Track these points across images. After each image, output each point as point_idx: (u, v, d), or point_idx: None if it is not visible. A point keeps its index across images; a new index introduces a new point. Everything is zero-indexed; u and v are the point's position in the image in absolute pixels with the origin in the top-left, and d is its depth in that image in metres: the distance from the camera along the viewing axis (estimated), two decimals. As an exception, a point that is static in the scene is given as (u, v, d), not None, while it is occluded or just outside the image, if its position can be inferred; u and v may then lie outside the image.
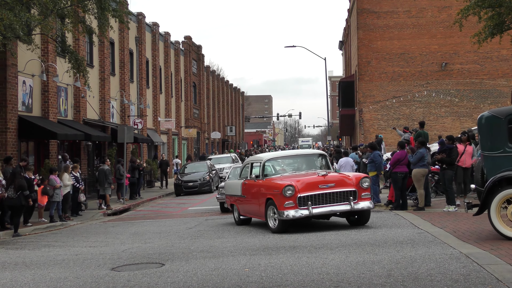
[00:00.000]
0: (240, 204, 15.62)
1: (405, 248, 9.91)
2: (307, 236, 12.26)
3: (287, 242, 11.71)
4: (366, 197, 13.24)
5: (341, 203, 13.04)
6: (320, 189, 12.95)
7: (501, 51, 36.27)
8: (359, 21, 39.18)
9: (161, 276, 8.90)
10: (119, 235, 15.43)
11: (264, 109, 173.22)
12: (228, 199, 16.81)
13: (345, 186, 13.12)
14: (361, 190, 13.21)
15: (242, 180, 15.50)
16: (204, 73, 61.92)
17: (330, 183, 13.05)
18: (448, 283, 7.35)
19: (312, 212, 12.82)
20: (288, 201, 12.75)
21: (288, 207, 12.77)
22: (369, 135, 37.37)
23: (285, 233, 13.03)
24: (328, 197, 12.98)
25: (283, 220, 12.93)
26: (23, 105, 23.34)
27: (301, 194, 12.81)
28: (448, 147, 15.73)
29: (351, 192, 13.10)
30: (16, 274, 10.02)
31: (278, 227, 13.13)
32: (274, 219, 13.28)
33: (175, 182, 31.94)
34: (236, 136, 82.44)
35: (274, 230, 13.23)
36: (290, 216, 12.76)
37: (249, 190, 14.87)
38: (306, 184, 12.99)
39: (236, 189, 15.87)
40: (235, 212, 16.12)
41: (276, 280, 8.15)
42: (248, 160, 16.58)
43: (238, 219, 15.95)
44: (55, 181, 19.27)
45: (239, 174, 16.65)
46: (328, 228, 13.43)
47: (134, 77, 38.50)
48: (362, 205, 13.11)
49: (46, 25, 18.99)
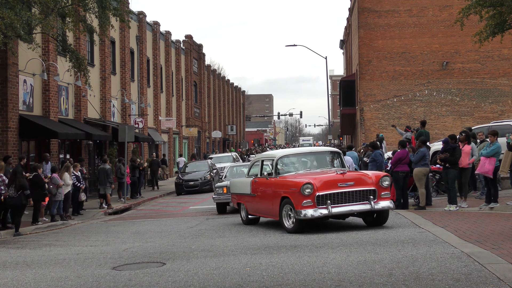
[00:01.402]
0: (249, 203, 15.07)
1: (406, 247, 9.90)
2: (308, 235, 12.24)
3: (288, 241, 11.69)
4: (386, 197, 12.74)
5: (360, 202, 12.52)
6: (339, 188, 12.42)
7: (502, 50, 36.26)
8: (360, 20, 39.16)
9: (162, 275, 8.90)
10: (120, 234, 15.43)
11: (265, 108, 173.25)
12: (234, 198, 16.30)
13: (365, 185, 12.60)
14: (381, 189, 12.69)
15: (251, 178, 14.92)
16: (205, 72, 61.92)
17: (349, 182, 12.52)
18: (450, 282, 7.34)
19: (331, 212, 12.27)
20: (306, 200, 12.18)
21: (306, 206, 12.21)
22: (370, 134, 37.36)
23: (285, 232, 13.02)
24: (347, 196, 12.46)
25: (300, 219, 12.35)
26: (24, 104, 23.35)
27: (320, 192, 12.25)
28: (451, 146, 15.71)
29: (370, 191, 12.59)
30: (17, 273, 10.02)
31: (295, 227, 12.58)
32: (290, 218, 12.76)
33: (176, 181, 31.95)
34: (237, 135, 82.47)
35: (290, 230, 12.70)
36: (309, 215, 12.22)
37: (260, 189, 14.30)
38: (325, 182, 12.45)
39: (244, 187, 15.28)
40: (243, 211, 15.61)
41: (277, 279, 8.14)
42: (257, 158, 16.01)
43: (245, 218, 15.46)
44: (57, 180, 19.28)
45: (247, 172, 16.15)
46: (329, 227, 13.41)
47: (135, 76, 38.51)
48: (382, 204, 12.61)
49: (47, 24, 19.00)
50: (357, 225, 13.60)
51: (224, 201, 19.25)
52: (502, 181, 18.28)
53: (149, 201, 28.17)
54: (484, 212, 14.44)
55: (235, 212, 18.93)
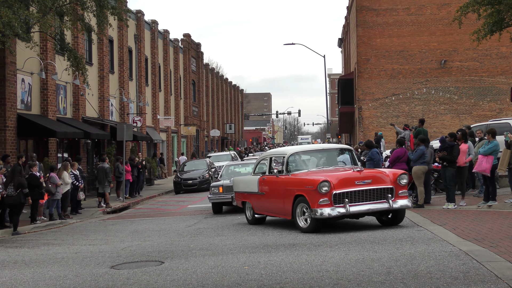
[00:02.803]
0: (256, 201, 14.56)
1: (404, 246, 9.91)
2: (306, 234, 12.24)
3: (287, 240, 11.70)
4: (403, 195, 12.39)
5: (378, 201, 12.10)
6: (357, 186, 11.99)
7: (500, 49, 36.30)
8: (359, 18, 39.16)
9: (161, 274, 8.90)
10: (119, 233, 15.43)
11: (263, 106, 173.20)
12: (238, 197, 15.77)
13: (382, 183, 12.23)
14: (398, 187, 12.31)
15: (259, 176, 14.41)
16: (203, 71, 61.90)
17: (366, 180, 12.12)
18: (448, 280, 7.34)
19: (349, 211, 11.80)
20: (323, 198, 11.74)
21: (323, 205, 11.75)
22: (369, 132, 37.38)
23: (283, 230, 13.02)
24: (365, 195, 12.05)
25: (316, 218, 11.90)
26: (22, 103, 23.32)
27: (337, 190, 11.82)
28: (449, 144, 15.72)
29: (388, 189, 12.20)
30: (15, 272, 10.01)
31: (311, 226, 12.14)
32: (305, 217, 12.34)
33: (175, 180, 31.96)
34: (235, 134, 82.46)
35: (305, 230, 12.27)
36: (326, 214, 11.76)
37: (269, 187, 13.79)
38: (342, 180, 12.04)
39: (250, 185, 14.78)
40: (248, 210, 15.14)
41: (276, 277, 8.14)
42: (264, 155, 15.49)
43: (251, 217, 14.97)
44: (56, 179, 19.27)
45: (253, 170, 15.62)
46: (327, 226, 13.41)
47: (133, 75, 38.49)
48: (400, 203, 12.22)
49: (45, 23, 18.97)
50: (356, 224, 13.60)
51: (220, 200, 18.92)
52: (500, 179, 18.30)
53: (147, 200, 28.17)
54: (483, 210, 14.45)
55: (231, 212, 18.95)
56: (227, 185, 18.59)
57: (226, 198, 18.54)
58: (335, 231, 12.32)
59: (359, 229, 12.42)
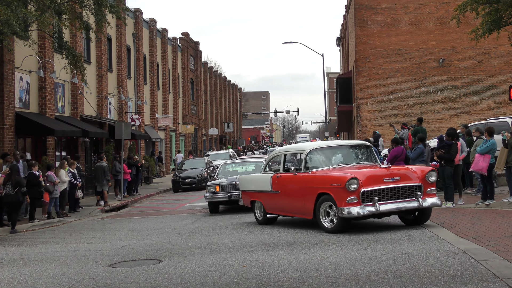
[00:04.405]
0: (268, 200, 13.95)
1: (402, 244, 9.92)
2: (304, 232, 12.25)
3: (285, 238, 11.70)
4: (432, 193, 11.88)
5: (407, 199, 11.61)
6: (385, 183, 11.48)
7: (498, 47, 36.27)
8: (357, 17, 39.15)
9: (159, 273, 8.90)
10: (117, 232, 15.43)
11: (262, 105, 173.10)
12: (246, 196, 15.15)
13: (411, 180, 11.72)
14: (427, 184, 11.82)
15: (271, 174, 13.85)
16: (201, 69, 61.88)
17: (395, 177, 11.61)
18: (446, 279, 7.35)
19: (379, 209, 11.29)
20: (351, 197, 11.19)
21: (351, 203, 11.21)
22: (367, 131, 37.39)
23: (281, 229, 13.03)
24: (394, 193, 11.54)
25: (344, 218, 11.38)
26: (20, 102, 23.30)
27: (365, 188, 11.28)
28: (447, 143, 15.73)
29: (417, 187, 11.72)
30: (13, 270, 10.01)
31: (337, 226, 11.61)
32: (329, 217, 11.84)
33: (173, 179, 31.96)
34: (234, 133, 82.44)
35: (331, 230, 11.74)
36: (354, 213, 11.23)
37: (285, 185, 13.20)
38: (370, 177, 11.52)
39: (261, 184, 14.20)
40: (258, 210, 14.57)
41: (274, 276, 8.15)
42: (277, 151, 14.82)
43: (262, 217, 14.35)
44: (53, 177, 19.27)
45: (263, 168, 15.06)
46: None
47: (131, 74, 38.46)
48: (430, 201, 11.73)
49: (43, 21, 18.95)
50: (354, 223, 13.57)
51: (217, 200, 18.57)
52: (498, 178, 18.32)
53: (145, 198, 28.17)
54: (480, 209, 14.47)
55: (229, 211, 18.93)
56: (224, 184, 18.42)
57: (223, 197, 18.30)
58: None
59: (357, 228, 12.42)
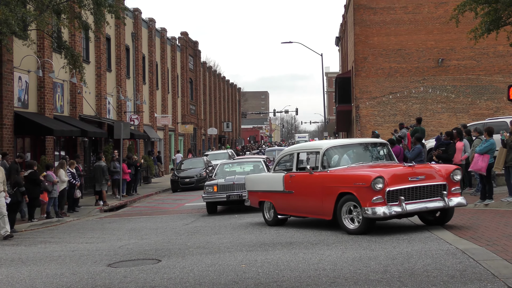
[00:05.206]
0: (280, 201, 13.49)
1: (401, 244, 9.92)
2: (303, 232, 12.25)
3: (284, 238, 11.70)
4: (456, 192, 11.54)
5: (433, 198, 11.23)
6: (411, 182, 11.10)
7: (497, 47, 36.29)
8: (356, 17, 39.16)
9: (158, 272, 8.90)
10: (116, 231, 15.42)
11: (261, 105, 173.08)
12: (254, 196, 14.67)
13: (435, 179, 11.34)
14: (452, 183, 11.45)
15: (283, 173, 13.43)
16: (200, 69, 61.87)
17: (420, 175, 11.24)
18: (444, 278, 7.36)
19: (406, 209, 10.88)
20: (377, 196, 10.80)
21: (377, 203, 10.82)
22: (366, 131, 37.40)
23: (280, 229, 13.03)
24: (420, 192, 11.17)
25: (369, 218, 10.98)
26: (19, 101, 23.29)
27: (391, 187, 10.88)
28: (445, 142, 15.74)
29: (442, 185, 11.34)
30: (12, 270, 10.00)
31: (362, 227, 11.18)
32: (351, 217, 11.43)
33: (172, 178, 31.96)
34: (233, 132, 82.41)
35: (355, 231, 11.30)
36: (380, 213, 10.81)
37: (300, 185, 12.79)
38: (395, 176, 11.14)
39: (272, 183, 13.76)
40: (267, 210, 14.13)
41: (273, 276, 8.15)
42: (289, 150, 14.37)
43: (272, 218, 13.93)
44: (52, 177, 19.25)
45: (273, 167, 14.60)
46: (324, 224, 13.42)
47: (130, 73, 38.45)
48: (455, 201, 11.38)
49: (42, 21, 18.94)
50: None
51: (215, 200, 18.37)
52: (497, 178, 18.33)
53: (144, 198, 28.16)
54: (479, 209, 14.48)
55: (227, 211, 18.92)
56: (222, 184, 18.28)
57: (221, 197, 18.13)
58: (332, 230, 12.32)
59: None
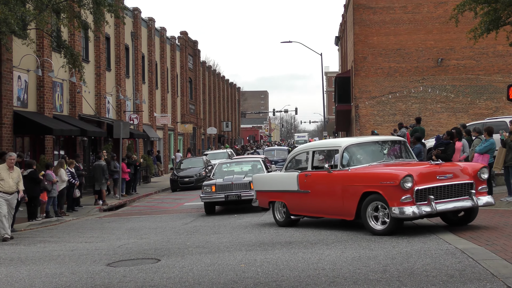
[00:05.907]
0: (294, 201, 13.12)
1: (400, 244, 9.92)
2: (303, 232, 12.25)
3: (283, 237, 11.70)
4: (483, 191, 11.27)
5: (461, 197, 10.94)
6: (439, 181, 10.77)
7: (497, 47, 36.30)
8: (355, 16, 39.16)
9: (157, 272, 8.90)
10: (115, 231, 15.42)
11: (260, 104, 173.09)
12: (265, 196, 14.25)
13: (462, 178, 11.03)
14: (478, 182, 11.19)
15: (298, 172, 13.06)
16: (200, 68, 61.85)
17: (447, 174, 10.91)
18: (444, 278, 7.36)
19: (436, 209, 10.52)
20: (406, 195, 10.42)
21: (405, 203, 10.44)
22: (365, 130, 37.41)
23: (280, 229, 13.02)
24: (448, 191, 10.86)
25: (398, 218, 10.58)
26: (18, 100, 23.28)
27: (419, 186, 10.54)
28: (444, 142, 15.73)
29: (469, 184, 11.05)
30: (11, 269, 10.00)
31: (390, 227, 10.78)
32: (379, 217, 11.01)
33: (171, 178, 31.97)
34: (232, 132, 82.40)
35: (382, 231, 10.90)
36: (409, 213, 10.42)
37: (317, 184, 12.44)
38: (423, 174, 10.77)
39: (285, 183, 13.38)
40: (278, 211, 13.79)
41: (272, 275, 8.15)
42: (303, 148, 14.04)
43: (283, 219, 13.56)
44: (52, 176, 19.24)
45: (285, 166, 14.13)
46: (324, 224, 13.42)
47: (130, 73, 38.44)
48: (484, 200, 11.11)
49: (41, 20, 18.93)
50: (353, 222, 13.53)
51: (213, 200, 18.20)
52: (496, 178, 18.34)
53: (144, 197, 28.16)
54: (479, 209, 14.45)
55: (226, 211, 18.91)
56: (220, 184, 18.17)
57: (220, 197, 18.00)
58: (332, 229, 12.33)
59: (356, 227, 12.42)
